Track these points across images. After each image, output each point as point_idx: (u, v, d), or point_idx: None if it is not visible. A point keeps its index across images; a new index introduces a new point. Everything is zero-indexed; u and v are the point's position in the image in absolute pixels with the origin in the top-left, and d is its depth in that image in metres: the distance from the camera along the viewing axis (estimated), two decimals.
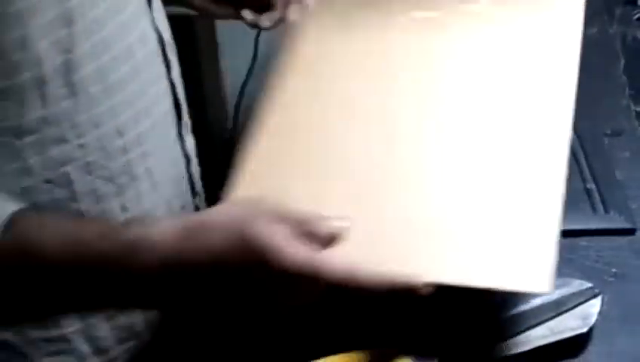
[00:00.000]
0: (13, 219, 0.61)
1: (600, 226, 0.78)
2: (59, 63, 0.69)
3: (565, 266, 0.73)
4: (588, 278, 0.70)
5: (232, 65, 1.61)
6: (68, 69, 0.70)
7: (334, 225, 0.60)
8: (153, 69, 0.80)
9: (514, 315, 0.66)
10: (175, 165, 0.86)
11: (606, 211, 0.76)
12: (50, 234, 0.61)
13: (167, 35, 0.83)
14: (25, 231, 0.61)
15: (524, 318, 0.66)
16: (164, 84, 0.82)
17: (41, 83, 0.69)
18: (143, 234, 0.59)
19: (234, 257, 0.58)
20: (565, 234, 0.75)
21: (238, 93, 1.64)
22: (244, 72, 1.59)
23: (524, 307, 0.67)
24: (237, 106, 1.66)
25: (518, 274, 0.60)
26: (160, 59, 0.82)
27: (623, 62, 1.05)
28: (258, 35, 1.51)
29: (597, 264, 0.74)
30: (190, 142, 0.89)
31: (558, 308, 0.67)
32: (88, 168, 0.75)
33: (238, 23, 0.98)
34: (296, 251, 0.57)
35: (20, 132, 0.70)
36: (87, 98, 0.72)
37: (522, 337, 0.65)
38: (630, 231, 0.78)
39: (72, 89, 0.71)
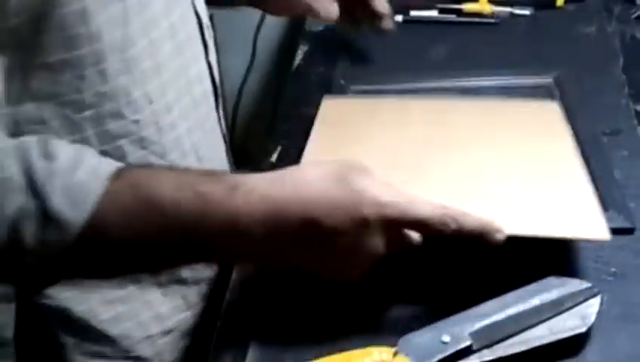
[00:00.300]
0: (119, 168, 0.63)
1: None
2: (116, 38, 0.71)
3: (564, 266, 0.73)
4: (587, 278, 0.70)
5: (231, 65, 1.61)
6: (124, 44, 0.72)
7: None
8: (193, 49, 0.83)
9: (513, 315, 0.66)
10: (216, 144, 0.90)
11: (605, 210, 0.76)
12: (163, 179, 0.63)
13: (205, 18, 0.86)
14: (137, 178, 0.63)
15: (522, 318, 0.66)
16: (203, 65, 0.86)
17: (100, 58, 0.71)
18: (244, 177, 0.64)
19: (339, 196, 0.63)
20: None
21: (236, 94, 1.65)
22: (243, 72, 1.60)
23: (523, 307, 0.67)
24: (235, 106, 1.66)
25: (579, 226, 0.71)
26: (199, 40, 0.85)
27: (621, 61, 1.05)
28: (256, 36, 1.51)
29: (596, 264, 0.74)
30: (224, 124, 0.92)
31: (557, 307, 0.67)
32: (142, 143, 0.77)
33: (236, 22, 0.98)
34: (396, 191, 0.64)
35: (79, 107, 0.72)
36: (141, 74, 0.75)
37: (521, 337, 0.65)
38: (629, 231, 0.77)
39: (128, 64, 0.73)
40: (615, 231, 0.75)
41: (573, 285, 0.68)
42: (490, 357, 0.64)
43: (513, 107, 0.93)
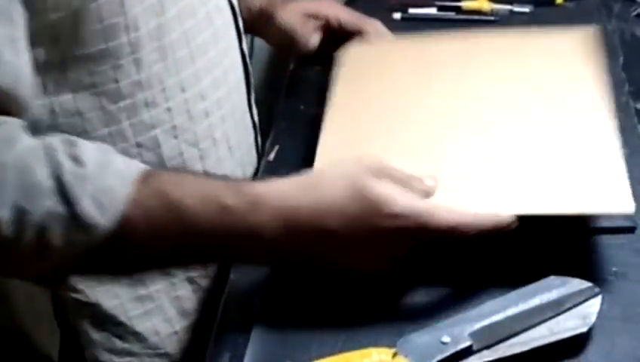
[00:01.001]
0: (145, 173, 0.65)
1: (600, 224, 0.77)
2: (152, 27, 0.74)
3: (564, 265, 0.73)
4: (588, 277, 0.69)
5: None
6: (159, 33, 0.74)
7: (427, 182, 0.69)
8: (228, 37, 0.86)
9: (513, 315, 0.66)
10: (246, 132, 0.92)
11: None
12: (188, 188, 0.65)
13: (237, 6, 0.88)
14: (163, 184, 0.65)
15: (523, 318, 0.66)
16: (237, 54, 0.88)
17: (135, 47, 0.73)
18: (264, 188, 0.66)
19: (354, 208, 0.65)
20: (564, 232, 0.75)
21: None
22: None
23: (523, 307, 0.66)
24: None
25: (602, 199, 0.70)
26: (233, 29, 0.87)
27: (621, 59, 1.04)
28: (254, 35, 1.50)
29: (597, 263, 0.73)
30: (255, 112, 0.95)
31: (557, 307, 0.66)
32: (174, 132, 0.79)
33: None
34: (411, 199, 0.66)
35: (115, 97, 0.74)
36: (175, 62, 0.77)
37: (522, 337, 0.64)
38: (630, 229, 0.77)
39: (163, 53, 0.75)
40: (615, 230, 0.75)
41: (574, 285, 0.68)
42: (491, 358, 0.64)
43: (541, 39, 0.93)
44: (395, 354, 0.63)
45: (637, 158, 0.86)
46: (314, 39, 1.04)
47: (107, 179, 0.63)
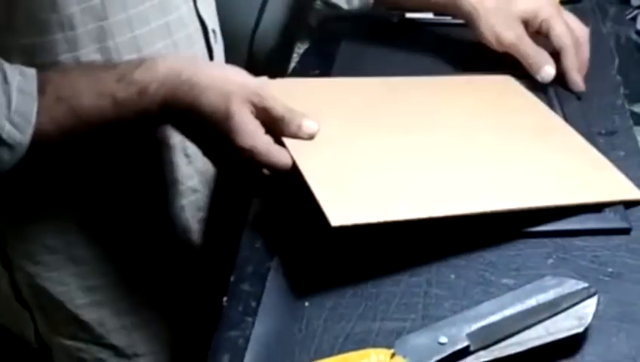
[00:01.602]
0: (42, 82, 0.74)
1: (595, 226, 0.77)
2: (91, 28, 0.76)
3: (560, 266, 0.74)
4: (583, 278, 0.70)
5: None
6: (101, 35, 0.77)
7: (309, 125, 0.76)
8: (193, 51, 0.87)
9: (510, 316, 0.66)
10: None
11: (600, 210, 0.76)
12: (83, 89, 0.74)
13: (211, 23, 0.90)
14: (60, 91, 0.74)
15: (519, 319, 0.66)
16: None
17: (73, 45, 0.77)
18: (149, 79, 0.74)
19: (213, 121, 0.73)
20: (560, 234, 0.75)
21: None
22: None
23: (519, 307, 0.67)
24: None
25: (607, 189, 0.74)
26: (202, 43, 0.88)
27: (617, 61, 1.05)
28: (252, 39, 1.51)
29: (592, 264, 0.74)
30: None
31: (553, 308, 0.67)
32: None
33: (231, 25, 0.98)
34: (256, 140, 0.73)
35: None
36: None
37: (517, 338, 0.65)
38: (625, 231, 0.77)
39: (106, 54, 0.79)
40: (611, 232, 0.75)
41: (570, 285, 0.68)
42: (488, 358, 0.64)
43: (469, 82, 0.94)
44: (393, 355, 0.63)
45: (633, 160, 0.86)
46: (549, 73, 0.96)
47: (15, 100, 0.72)
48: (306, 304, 0.72)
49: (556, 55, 0.96)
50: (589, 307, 0.67)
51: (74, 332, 0.86)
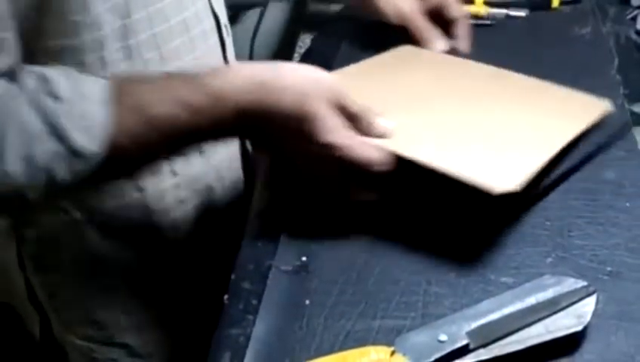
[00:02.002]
0: (116, 90, 0.70)
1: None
2: (116, 27, 0.76)
3: (559, 265, 0.74)
4: (582, 277, 0.70)
5: None
6: (124, 33, 0.77)
7: (382, 124, 0.76)
8: (208, 45, 0.88)
9: (509, 314, 0.66)
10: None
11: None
12: (157, 96, 0.71)
13: (223, 17, 0.90)
14: (134, 100, 0.71)
15: (519, 317, 0.66)
16: (220, 62, 0.91)
17: (99, 45, 0.76)
18: (225, 86, 0.72)
19: (294, 122, 0.72)
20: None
21: None
22: None
23: (519, 306, 0.67)
24: None
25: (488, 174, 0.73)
26: (215, 38, 0.89)
27: (616, 61, 1.05)
28: (253, 40, 1.51)
29: (592, 262, 0.74)
30: None
31: (552, 306, 0.67)
32: None
33: (233, 26, 0.98)
34: (344, 135, 0.73)
35: None
36: (144, 63, 0.80)
37: (517, 336, 0.65)
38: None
39: (128, 53, 0.78)
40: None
41: (569, 284, 0.69)
42: (487, 356, 0.64)
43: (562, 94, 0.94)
44: (392, 353, 0.64)
45: (633, 161, 0.87)
46: (440, 46, 1.04)
47: (87, 107, 0.69)
48: (307, 302, 0.72)
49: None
50: (588, 305, 0.67)
51: (88, 333, 0.86)
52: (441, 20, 1.05)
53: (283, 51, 1.37)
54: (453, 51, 1.05)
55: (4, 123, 0.66)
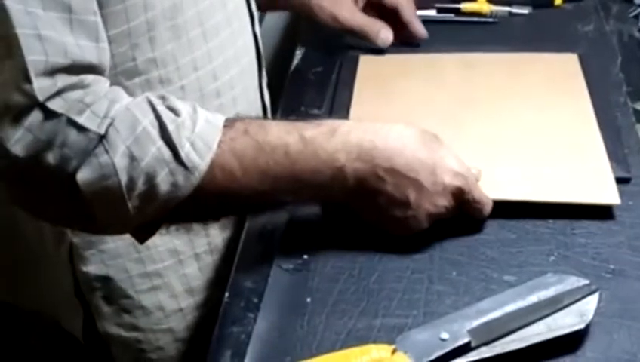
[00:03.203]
0: (231, 119, 0.71)
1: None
2: (166, 6, 0.76)
3: (562, 263, 0.74)
4: (585, 275, 0.70)
5: None
6: (173, 12, 0.77)
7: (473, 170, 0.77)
8: (241, 19, 0.88)
9: (511, 312, 0.66)
10: (257, 113, 0.94)
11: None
12: (270, 127, 0.72)
13: (254, 10, 0.91)
14: (248, 126, 0.71)
15: (521, 315, 0.66)
16: (249, 36, 0.91)
17: (151, 25, 0.75)
18: (339, 122, 0.75)
19: (423, 153, 0.73)
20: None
21: None
22: None
23: (521, 304, 0.67)
24: None
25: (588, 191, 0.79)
26: (246, 11, 0.90)
27: (619, 59, 1.05)
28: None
29: (594, 261, 0.74)
30: (267, 95, 0.98)
31: (555, 304, 0.67)
32: None
33: None
34: (465, 165, 0.75)
35: (131, 73, 0.77)
36: (189, 41, 0.80)
37: (519, 334, 0.65)
38: (626, 180, 0.82)
39: (176, 32, 0.78)
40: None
41: (571, 282, 0.68)
42: (489, 354, 0.64)
43: (533, 59, 1.02)
44: (394, 351, 0.64)
45: (636, 158, 0.86)
46: (386, 35, 1.06)
47: (200, 126, 0.69)
48: (308, 300, 0.72)
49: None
50: (590, 304, 0.67)
51: (134, 321, 0.87)
52: (386, 11, 1.08)
53: (284, 49, 1.37)
54: (411, 37, 1.08)
55: (117, 118, 0.67)
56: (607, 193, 0.78)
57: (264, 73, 0.95)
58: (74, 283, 0.86)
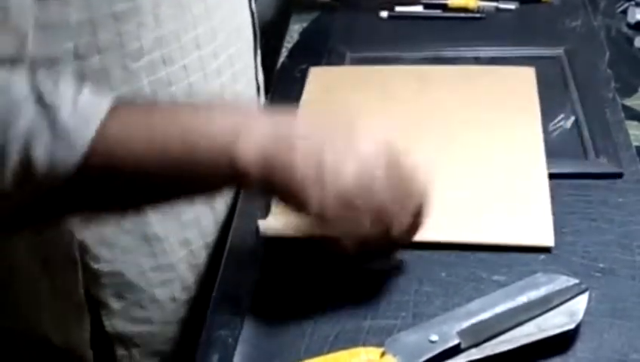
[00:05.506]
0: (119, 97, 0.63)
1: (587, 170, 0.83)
2: None
3: (551, 262, 0.73)
4: (575, 274, 0.70)
5: None
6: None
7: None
8: (243, 17, 0.88)
9: (501, 313, 0.66)
10: (252, 94, 0.94)
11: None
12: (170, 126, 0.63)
13: None
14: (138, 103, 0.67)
15: (510, 316, 0.66)
16: (247, 13, 0.90)
17: (156, 3, 0.74)
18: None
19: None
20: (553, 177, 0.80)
21: None
22: None
23: (510, 304, 0.66)
24: None
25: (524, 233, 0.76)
26: (246, 5, 0.89)
27: (607, 55, 1.04)
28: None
29: (584, 260, 0.74)
30: (261, 75, 0.97)
31: (545, 304, 0.66)
32: (190, 89, 0.80)
33: None
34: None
35: (137, 54, 0.75)
36: (193, 18, 0.78)
37: (509, 335, 0.64)
38: (618, 175, 0.82)
39: (180, 9, 0.77)
40: (603, 176, 0.82)
41: (561, 282, 0.68)
42: (479, 356, 0.64)
43: (488, 73, 0.99)
44: (383, 353, 0.63)
45: (624, 154, 0.86)
46: None
47: (86, 95, 0.61)
48: (297, 303, 0.71)
49: None
50: (580, 303, 0.67)
51: (148, 315, 0.86)
52: None
53: (271, 46, 1.36)
54: None
55: None
56: (543, 235, 0.75)
57: (259, 51, 0.95)
58: (84, 281, 0.84)
